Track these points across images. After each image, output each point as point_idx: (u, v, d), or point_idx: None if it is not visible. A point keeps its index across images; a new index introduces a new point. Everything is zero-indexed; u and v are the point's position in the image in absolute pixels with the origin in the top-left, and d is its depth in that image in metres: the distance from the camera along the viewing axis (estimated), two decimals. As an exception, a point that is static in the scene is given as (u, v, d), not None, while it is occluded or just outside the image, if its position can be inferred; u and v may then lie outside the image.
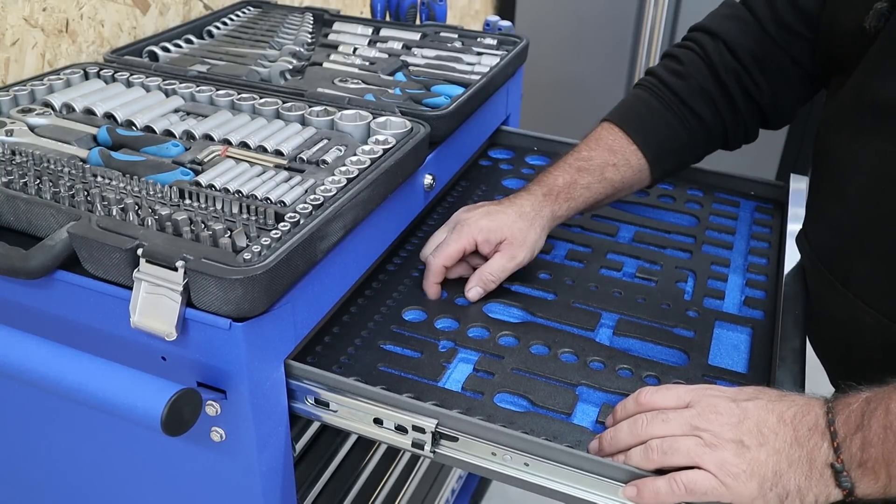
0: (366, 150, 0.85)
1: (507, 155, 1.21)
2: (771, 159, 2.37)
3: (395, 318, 0.84)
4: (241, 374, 0.66)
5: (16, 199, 0.72)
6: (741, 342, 0.83)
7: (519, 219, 0.86)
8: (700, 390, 0.67)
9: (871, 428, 0.58)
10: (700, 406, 0.64)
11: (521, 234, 0.85)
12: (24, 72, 1.05)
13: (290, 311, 0.70)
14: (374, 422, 0.71)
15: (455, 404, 0.72)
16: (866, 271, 0.74)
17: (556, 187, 0.89)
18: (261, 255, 0.66)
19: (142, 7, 1.21)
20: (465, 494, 1.47)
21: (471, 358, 0.79)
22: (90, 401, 0.63)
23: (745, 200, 1.11)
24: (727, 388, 0.67)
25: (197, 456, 0.73)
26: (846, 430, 0.59)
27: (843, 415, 0.60)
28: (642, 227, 1.03)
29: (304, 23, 1.28)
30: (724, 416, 0.63)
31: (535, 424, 0.71)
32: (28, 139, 0.85)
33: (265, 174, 0.81)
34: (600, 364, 0.78)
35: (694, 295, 0.90)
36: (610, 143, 0.91)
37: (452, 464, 0.70)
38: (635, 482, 0.63)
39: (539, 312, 0.85)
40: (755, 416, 0.62)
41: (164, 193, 0.75)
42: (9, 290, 0.72)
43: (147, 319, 0.65)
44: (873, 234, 0.73)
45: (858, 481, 0.58)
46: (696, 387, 0.68)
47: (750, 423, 0.62)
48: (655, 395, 0.67)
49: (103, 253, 0.66)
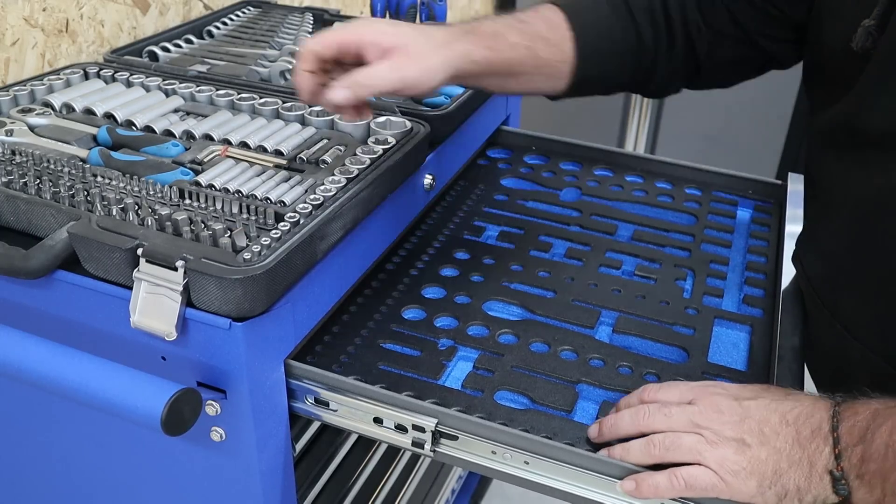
0: (366, 149, 0.85)
1: (505, 154, 1.21)
2: (771, 159, 2.38)
3: (395, 317, 0.84)
4: (241, 374, 0.66)
5: (16, 199, 0.73)
6: (740, 340, 0.83)
7: (423, 37, 0.73)
8: (703, 388, 0.67)
9: (873, 442, 0.57)
10: (703, 404, 0.64)
11: (419, 49, 0.72)
12: (24, 72, 1.05)
13: (289, 310, 0.70)
14: (374, 421, 0.71)
15: (455, 402, 0.72)
16: (854, 305, 0.74)
17: (479, 30, 0.78)
18: (261, 254, 0.66)
19: (142, 7, 1.21)
20: (465, 494, 1.48)
21: (470, 356, 0.79)
22: (90, 401, 0.63)
23: (743, 199, 1.11)
24: (731, 385, 0.67)
25: (197, 456, 0.73)
26: (849, 439, 0.58)
27: (848, 422, 0.59)
28: (641, 226, 1.03)
29: (304, 23, 1.28)
30: (726, 414, 0.63)
31: (535, 422, 0.71)
32: (28, 139, 0.85)
33: (265, 174, 0.81)
34: (600, 361, 0.78)
35: (693, 293, 0.90)
36: (550, 18, 0.83)
37: (453, 462, 0.70)
38: (633, 476, 0.63)
39: (538, 310, 0.85)
40: (757, 415, 0.62)
41: (164, 193, 0.75)
42: (9, 290, 0.73)
43: (147, 319, 0.65)
44: (861, 268, 0.72)
45: (855, 491, 0.58)
46: (699, 383, 0.68)
47: (752, 422, 0.62)
48: (659, 391, 0.68)
49: (103, 253, 0.66)
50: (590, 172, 1.15)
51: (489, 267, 0.92)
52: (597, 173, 1.15)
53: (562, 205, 1.07)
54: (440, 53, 0.73)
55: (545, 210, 1.06)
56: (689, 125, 2.39)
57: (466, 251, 0.95)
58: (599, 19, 0.84)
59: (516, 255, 0.95)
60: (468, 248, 0.96)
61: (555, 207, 1.06)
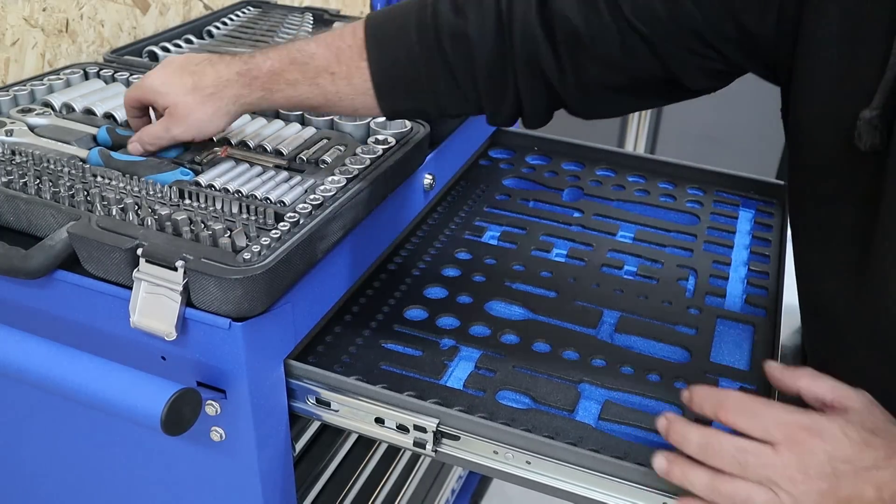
0: (366, 149, 0.85)
1: (506, 155, 1.21)
2: (771, 159, 2.37)
3: (397, 317, 0.84)
4: (241, 374, 0.66)
5: (16, 199, 0.72)
6: (743, 340, 0.83)
7: (192, 91, 0.76)
8: (796, 430, 0.54)
9: None
10: (788, 454, 0.54)
11: (185, 110, 0.77)
12: (24, 72, 1.04)
13: (289, 310, 0.70)
14: (375, 421, 0.71)
15: (457, 402, 0.72)
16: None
17: (256, 70, 0.76)
18: (260, 254, 0.66)
19: (142, 7, 1.21)
20: (465, 494, 1.47)
21: (472, 356, 0.79)
22: (90, 401, 0.63)
23: (745, 199, 1.11)
24: (829, 427, 0.55)
25: (197, 456, 0.73)
26: None
27: None
28: (643, 226, 1.03)
29: (304, 23, 1.28)
30: (813, 479, 0.53)
31: (537, 421, 0.70)
32: (28, 139, 0.85)
33: (265, 174, 0.81)
34: (602, 361, 0.78)
35: (695, 293, 0.90)
36: (343, 48, 0.74)
37: (454, 462, 0.70)
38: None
39: (540, 310, 0.85)
40: (848, 489, 0.52)
41: (164, 193, 0.75)
42: (9, 290, 0.72)
43: (147, 319, 0.65)
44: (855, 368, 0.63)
45: None
46: (792, 421, 0.55)
47: (840, 495, 0.52)
48: (741, 415, 0.56)
49: (103, 253, 0.66)
50: (591, 173, 1.15)
51: (491, 267, 0.92)
52: (598, 173, 1.15)
53: (563, 205, 1.07)
54: (209, 105, 0.76)
55: (547, 210, 1.05)
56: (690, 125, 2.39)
57: (468, 251, 0.95)
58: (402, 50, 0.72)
59: (518, 255, 0.95)
60: (470, 248, 0.96)
61: (556, 207, 1.06)
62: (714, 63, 0.66)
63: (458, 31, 0.69)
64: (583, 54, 0.67)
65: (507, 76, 0.70)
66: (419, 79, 0.73)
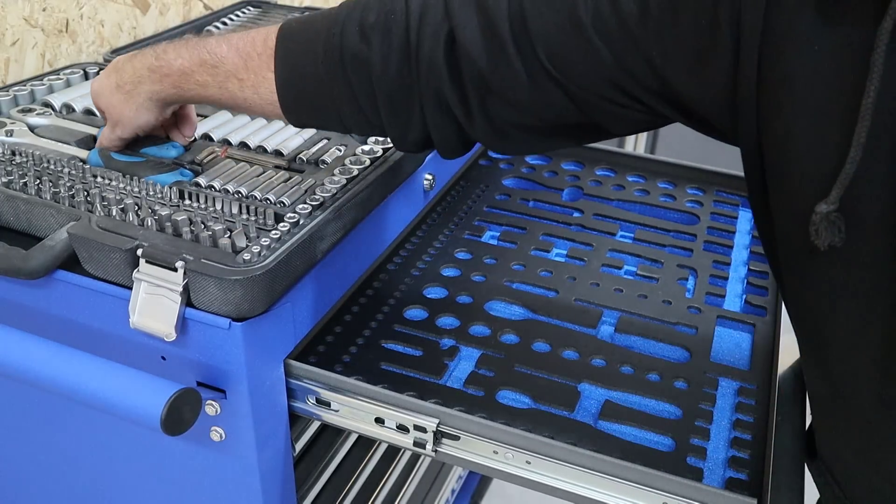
0: (365, 149, 0.85)
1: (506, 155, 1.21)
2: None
3: (397, 317, 0.84)
4: (241, 374, 0.66)
5: (16, 199, 0.72)
6: (743, 340, 0.83)
7: (116, 90, 0.78)
8: None
9: None
10: None
11: (115, 110, 0.79)
12: (24, 72, 1.05)
13: (289, 311, 0.70)
14: (375, 421, 0.71)
15: (457, 402, 0.72)
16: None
17: (167, 67, 0.75)
18: (260, 255, 0.66)
19: (142, 7, 1.21)
20: (465, 494, 1.47)
21: (472, 355, 0.79)
22: (90, 401, 0.63)
23: (745, 199, 1.11)
24: None
25: (197, 455, 0.73)
26: None
27: None
28: (643, 226, 1.03)
29: (304, 23, 1.28)
30: None
31: (537, 421, 0.70)
32: (28, 139, 0.85)
33: (265, 174, 0.81)
34: (602, 361, 0.78)
35: (695, 293, 0.90)
36: (253, 56, 0.71)
37: (454, 462, 0.70)
38: None
39: (540, 310, 0.85)
40: None
41: (164, 194, 0.75)
42: (9, 290, 0.72)
43: (147, 319, 0.65)
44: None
45: None
46: None
47: None
48: None
49: (103, 253, 0.66)
50: (591, 172, 1.15)
51: (491, 267, 0.92)
52: (598, 173, 1.15)
53: (563, 205, 1.07)
54: (130, 102, 0.78)
55: (547, 210, 1.05)
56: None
57: (468, 251, 0.95)
58: (308, 68, 0.69)
59: (518, 255, 0.95)
60: (470, 247, 0.96)
61: (556, 207, 1.06)
62: (639, 115, 0.60)
63: (360, 55, 0.66)
64: (490, 97, 0.63)
65: (412, 106, 0.66)
66: (323, 98, 0.70)
